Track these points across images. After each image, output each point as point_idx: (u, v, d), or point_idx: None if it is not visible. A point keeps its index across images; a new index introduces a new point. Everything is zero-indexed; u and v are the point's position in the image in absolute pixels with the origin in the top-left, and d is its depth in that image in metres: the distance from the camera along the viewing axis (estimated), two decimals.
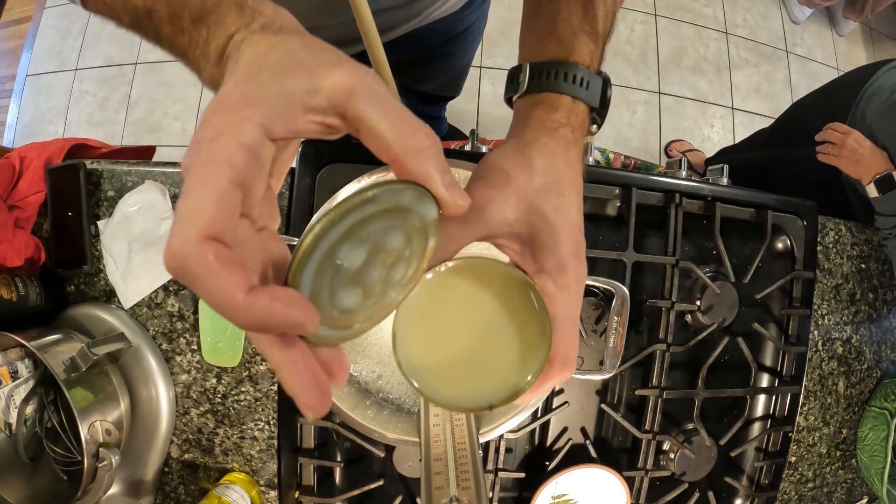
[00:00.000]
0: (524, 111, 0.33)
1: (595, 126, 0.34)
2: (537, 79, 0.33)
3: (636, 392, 0.63)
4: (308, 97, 0.21)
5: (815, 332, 0.71)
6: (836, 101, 0.95)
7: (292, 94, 0.21)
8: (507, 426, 0.50)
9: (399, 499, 0.61)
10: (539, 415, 0.61)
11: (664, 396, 0.62)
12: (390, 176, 0.26)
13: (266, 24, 0.24)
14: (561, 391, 0.63)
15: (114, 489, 0.59)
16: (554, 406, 0.62)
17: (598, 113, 0.34)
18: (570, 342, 0.27)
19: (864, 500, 0.76)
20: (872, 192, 0.79)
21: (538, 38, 0.35)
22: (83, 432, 0.51)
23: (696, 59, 1.82)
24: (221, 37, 0.24)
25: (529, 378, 0.26)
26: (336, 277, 0.22)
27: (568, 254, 0.28)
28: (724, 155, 1.50)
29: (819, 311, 0.71)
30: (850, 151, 0.82)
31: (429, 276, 0.26)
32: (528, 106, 0.33)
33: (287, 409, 0.59)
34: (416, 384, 0.27)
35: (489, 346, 0.27)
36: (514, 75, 0.34)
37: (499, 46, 1.69)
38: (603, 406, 0.63)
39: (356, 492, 0.60)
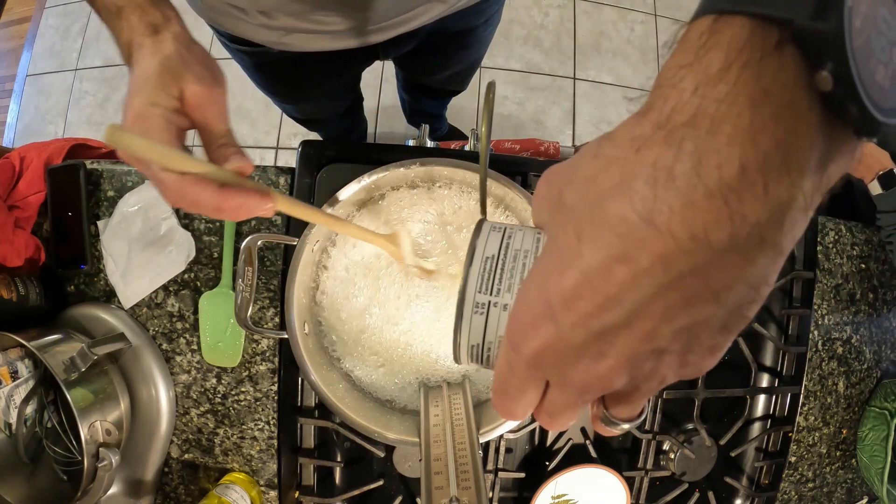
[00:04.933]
0: None
1: (830, 81, 0.14)
2: None
3: None
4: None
5: (815, 332, 0.71)
6: None
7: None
8: (507, 426, 0.49)
9: (399, 499, 0.61)
10: None
11: (664, 396, 0.62)
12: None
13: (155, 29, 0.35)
14: None
15: (114, 489, 0.59)
16: None
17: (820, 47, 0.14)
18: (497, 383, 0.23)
19: (864, 500, 0.76)
20: (876, 188, 0.78)
21: None
22: (83, 432, 0.51)
23: None
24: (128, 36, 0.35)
25: None
26: None
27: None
28: None
29: (819, 311, 0.71)
30: None
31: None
32: None
33: (287, 409, 0.59)
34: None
35: None
36: None
37: (498, 46, 1.69)
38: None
39: (356, 492, 0.60)
